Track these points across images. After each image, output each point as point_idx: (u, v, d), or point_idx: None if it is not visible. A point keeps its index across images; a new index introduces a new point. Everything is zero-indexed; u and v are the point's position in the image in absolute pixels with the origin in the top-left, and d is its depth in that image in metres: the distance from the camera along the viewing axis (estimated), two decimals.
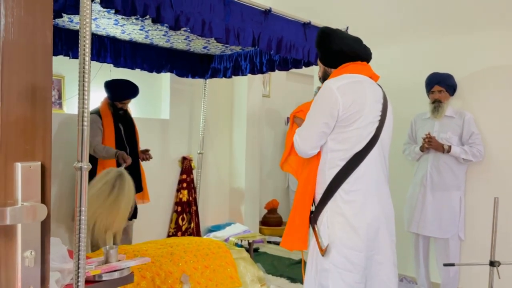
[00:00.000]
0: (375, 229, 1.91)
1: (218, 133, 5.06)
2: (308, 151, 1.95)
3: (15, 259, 0.80)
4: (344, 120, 1.88)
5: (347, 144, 1.90)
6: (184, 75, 4.09)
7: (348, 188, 1.89)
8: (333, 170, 1.91)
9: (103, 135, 3.38)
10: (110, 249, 2.22)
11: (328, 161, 1.94)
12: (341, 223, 1.89)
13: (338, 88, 1.87)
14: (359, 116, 1.88)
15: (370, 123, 1.91)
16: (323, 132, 1.91)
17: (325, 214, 1.93)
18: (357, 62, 2.02)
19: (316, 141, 1.93)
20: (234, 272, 3.25)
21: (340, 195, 1.90)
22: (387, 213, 2.00)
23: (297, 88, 6.53)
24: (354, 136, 1.89)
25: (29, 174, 0.81)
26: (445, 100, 3.32)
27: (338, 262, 1.88)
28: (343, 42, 2.01)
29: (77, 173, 1.78)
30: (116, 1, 2.03)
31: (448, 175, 3.28)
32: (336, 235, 1.89)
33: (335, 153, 1.92)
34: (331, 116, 1.88)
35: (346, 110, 1.86)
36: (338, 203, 1.91)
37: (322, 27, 2.10)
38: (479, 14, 3.45)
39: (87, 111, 1.83)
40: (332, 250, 1.89)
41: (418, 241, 3.47)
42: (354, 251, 1.88)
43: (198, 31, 2.37)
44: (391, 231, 2.01)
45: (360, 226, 1.88)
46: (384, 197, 2.00)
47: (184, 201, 4.54)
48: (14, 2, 0.79)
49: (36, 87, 0.84)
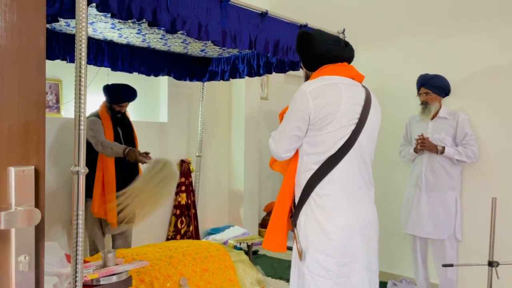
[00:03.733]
0: (348, 234, 1.85)
1: (217, 136, 5.06)
2: (281, 154, 1.94)
3: (9, 264, 0.80)
4: (316, 124, 1.85)
5: (321, 148, 1.86)
6: (182, 78, 4.09)
7: (321, 192, 1.86)
8: (307, 173, 1.89)
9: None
10: (108, 253, 2.22)
11: (303, 164, 1.91)
12: (314, 228, 1.86)
13: (310, 92, 1.85)
14: (332, 119, 1.83)
15: (344, 127, 1.85)
16: (295, 136, 1.89)
17: (302, 218, 1.91)
18: (336, 64, 1.97)
19: (288, 144, 1.91)
20: (233, 275, 3.24)
21: (314, 198, 1.87)
22: (366, 219, 1.93)
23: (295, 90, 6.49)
24: (327, 140, 1.85)
25: (23, 179, 0.81)
26: (433, 101, 3.33)
27: (311, 267, 1.85)
28: (320, 45, 1.96)
29: (74, 177, 1.78)
30: (112, 5, 2.03)
31: (442, 176, 3.29)
32: (309, 239, 1.86)
33: (309, 157, 1.90)
34: (303, 120, 1.86)
35: (318, 113, 1.83)
36: (311, 206, 1.88)
37: (299, 31, 2.07)
38: (474, 16, 3.46)
39: (84, 115, 1.84)
40: (306, 255, 1.86)
41: (415, 242, 3.47)
42: (327, 256, 1.83)
43: (194, 34, 2.37)
44: (370, 237, 1.94)
45: (332, 231, 1.83)
46: (363, 202, 1.93)
47: (183, 204, 4.54)
48: (7, 7, 0.80)
49: (29, 92, 0.84)
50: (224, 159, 5.16)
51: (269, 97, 6.13)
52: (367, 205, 1.96)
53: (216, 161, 5.05)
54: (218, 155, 5.07)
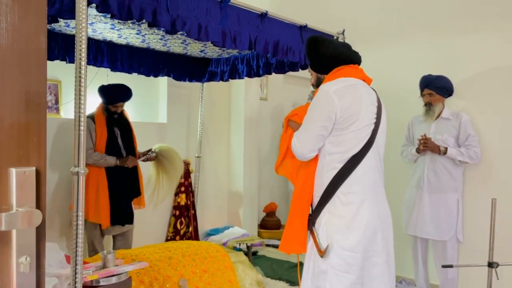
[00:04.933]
0: (372, 230, 1.94)
1: (216, 137, 5.05)
2: (306, 154, 1.97)
3: (10, 265, 0.79)
4: (341, 123, 1.91)
5: (345, 147, 1.93)
6: (181, 79, 4.09)
7: (346, 190, 1.92)
8: (331, 172, 1.94)
9: (96, 140, 3.38)
10: (108, 254, 2.22)
11: (326, 164, 1.96)
12: (339, 225, 1.92)
13: (334, 92, 1.91)
14: (356, 118, 1.91)
15: (366, 126, 1.94)
16: (321, 135, 1.94)
17: (324, 216, 1.95)
18: (349, 66, 2.05)
19: (314, 144, 1.95)
20: (233, 275, 3.24)
21: (338, 197, 1.93)
22: (384, 214, 2.02)
23: (295, 91, 6.53)
24: (351, 139, 1.92)
25: (24, 180, 0.81)
26: (436, 102, 3.33)
27: (335, 264, 1.90)
28: (333, 47, 2.06)
29: (74, 178, 1.78)
30: (112, 5, 2.03)
31: (445, 176, 3.28)
32: (333, 237, 1.91)
33: (332, 156, 1.95)
34: (329, 119, 1.91)
35: (343, 113, 1.90)
36: (336, 205, 1.93)
37: (310, 36, 2.14)
38: (476, 16, 3.46)
39: (84, 116, 1.84)
40: (331, 252, 1.91)
41: (416, 243, 3.46)
42: (352, 252, 1.90)
43: (194, 35, 2.37)
44: (387, 232, 2.03)
45: (358, 228, 1.91)
46: (380, 198, 2.03)
47: (182, 205, 4.53)
48: (8, 7, 0.79)
49: (30, 92, 0.83)
50: (224, 159, 5.16)
51: (269, 97, 6.13)
52: (383, 201, 2.05)
53: (216, 162, 5.04)
54: (217, 155, 5.06)
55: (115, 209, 3.38)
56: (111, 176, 3.40)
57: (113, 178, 3.41)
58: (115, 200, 3.39)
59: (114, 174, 3.42)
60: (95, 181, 3.35)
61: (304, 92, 5.92)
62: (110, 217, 3.35)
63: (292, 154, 2.14)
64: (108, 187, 3.38)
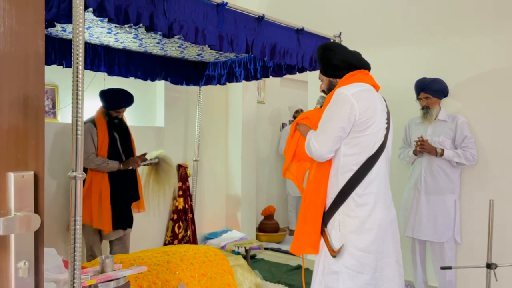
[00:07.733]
0: (384, 231, 2.00)
1: (214, 140, 5.05)
2: (325, 155, 2.01)
3: (9, 270, 0.79)
4: (359, 125, 1.97)
5: (360, 149, 1.98)
6: (178, 83, 4.09)
7: (361, 192, 1.98)
8: (346, 174, 1.99)
9: (97, 144, 3.38)
10: (106, 259, 2.21)
11: (341, 165, 2.01)
12: (353, 226, 1.96)
13: (353, 95, 1.96)
14: (372, 122, 1.97)
15: (380, 129, 2.02)
16: (339, 137, 1.99)
17: (337, 217, 2.00)
18: (361, 71, 2.11)
19: (333, 145, 2.00)
20: (232, 279, 3.23)
21: (353, 198, 1.98)
22: (393, 215, 2.10)
23: (292, 94, 6.55)
24: (367, 141, 1.98)
25: (22, 184, 0.81)
26: (434, 105, 3.35)
27: (349, 264, 1.94)
28: (345, 52, 2.13)
29: (72, 182, 1.77)
30: (109, 9, 2.03)
31: (442, 178, 3.29)
32: (347, 237, 1.96)
33: (348, 158, 2.00)
34: (348, 121, 1.96)
35: (362, 115, 1.95)
36: (351, 206, 1.98)
37: (323, 43, 2.24)
38: (473, 19, 3.48)
39: (81, 120, 1.83)
40: (344, 253, 1.95)
41: (414, 245, 3.46)
42: (365, 252, 1.94)
43: (191, 38, 2.37)
44: (396, 233, 2.12)
45: (371, 228, 1.96)
46: (389, 199, 2.09)
47: (180, 208, 4.52)
48: (6, 12, 0.79)
49: (28, 97, 0.83)
50: (221, 163, 5.15)
51: (266, 101, 6.14)
52: (391, 202, 2.12)
53: (213, 165, 5.04)
54: (215, 159, 5.06)
55: (117, 214, 3.38)
56: (113, 181, 3.40)
57: (115, 183, 3.41)
58: (116, 205, 3.39)
59: (116, 179, 3.42)
60: (98, 187, 3.34)
61: (302, 95, 5.94)
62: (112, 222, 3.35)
63: (298, 158, 2.19)
64: (110, 192, 3.37)
